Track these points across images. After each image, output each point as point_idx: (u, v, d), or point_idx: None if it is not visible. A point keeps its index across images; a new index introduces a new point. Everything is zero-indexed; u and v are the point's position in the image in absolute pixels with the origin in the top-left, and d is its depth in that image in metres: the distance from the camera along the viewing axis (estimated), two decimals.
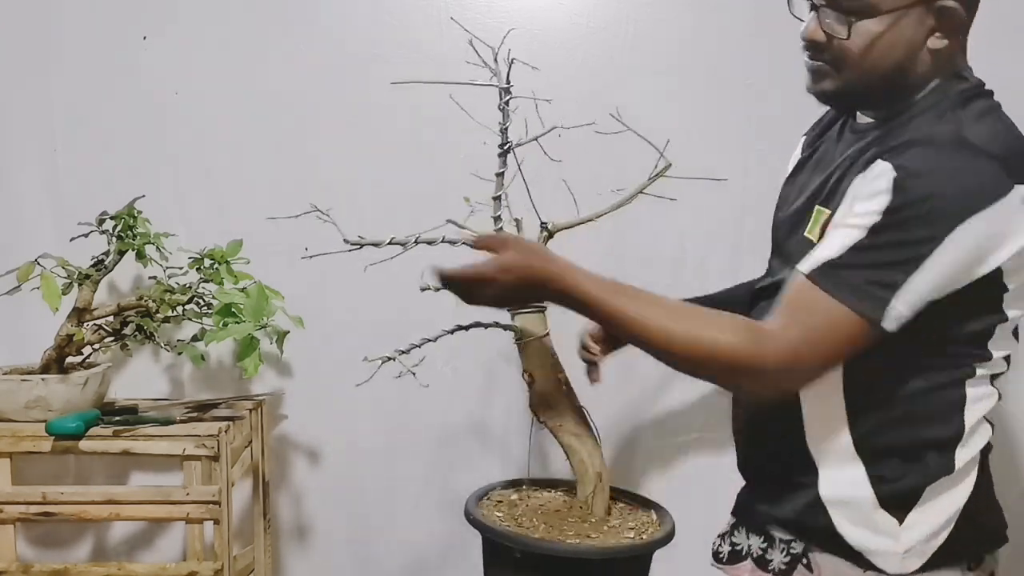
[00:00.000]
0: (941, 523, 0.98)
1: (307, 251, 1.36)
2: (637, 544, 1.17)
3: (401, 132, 1.68)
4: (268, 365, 1.70)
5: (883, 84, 0.96)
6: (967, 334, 0.96)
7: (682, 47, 1.67)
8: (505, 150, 1.25)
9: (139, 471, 1.71)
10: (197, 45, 1.67)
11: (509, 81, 1.23)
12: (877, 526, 0.98)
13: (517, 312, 1.25)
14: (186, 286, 1.54)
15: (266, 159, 1.69)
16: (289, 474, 1.75)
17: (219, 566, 1.43)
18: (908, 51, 0.94)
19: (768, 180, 1.21)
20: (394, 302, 1.65)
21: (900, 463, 0.98)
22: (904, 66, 0.94)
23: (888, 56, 0.94)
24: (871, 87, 0.97)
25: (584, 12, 1.67)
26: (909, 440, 0.98)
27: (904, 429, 0.98)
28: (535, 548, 1.13)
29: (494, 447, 1.74)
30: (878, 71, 0.95)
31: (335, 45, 1.67)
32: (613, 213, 1.31)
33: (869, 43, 0.93)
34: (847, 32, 0.93)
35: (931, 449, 0.98)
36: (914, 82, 0.96)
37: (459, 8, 1.64)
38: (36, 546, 1.72)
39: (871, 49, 0.94)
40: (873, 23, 0.92)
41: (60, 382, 1.44)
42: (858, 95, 0.99)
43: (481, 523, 1.20)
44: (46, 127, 1.68)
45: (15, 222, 1.68)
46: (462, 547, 1.71)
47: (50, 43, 1.67)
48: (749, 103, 1.67)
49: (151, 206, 1.57)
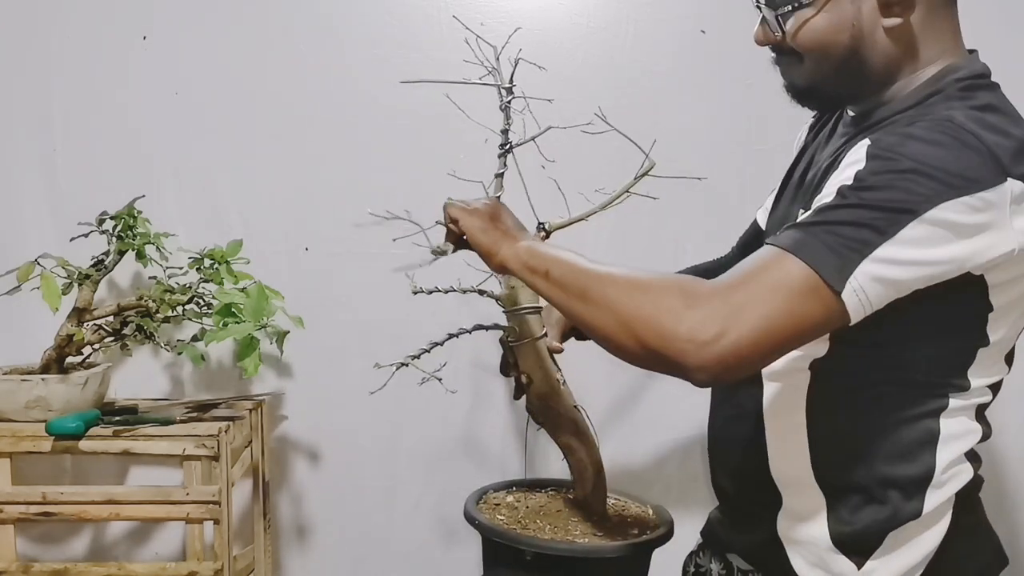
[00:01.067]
0: (905, 572, 0.89)
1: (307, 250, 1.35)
2: (639, 542, 1.17)
3: (401, 132, 1.68)
4: (268, 365, 1.70)
5: (842, 72, 0.90)
6: (941, 359, 0.86)
7: (682, 47, 1.67)
8: (506, 150, 1.25)
9: (139, 471, 1.71)
10: (197, 45, 1.67)
11: (512, 81, 1.22)
12: (832, 569, 0.90)
13: (512, 312, 1.24)
14: (186, 286, 1.54)
15: (266, 159, 1.69)
16: (289, 474, 1.76)
17: (219, 566, 1.43)
18: (855, 33, 0.88)
19: (767, 181, 1.21)
20: (394, 302, 1.65)
21: (861, 502, 0.89)
22: (856, 50, 0.89)
23: (835, 41, 0.89)
24: (831, 77, 0.91)
25: (584, 12, 1.68)
26: (871, 477, 0.89)
27: (866, 464, 0.89)
28: (545, 549, 1.13)
29: (493, 447, 1.74)
30: (831, 59, 0.90)
31: (335, 45, 1.68)
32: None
33: (809, 31, 0.89)
34: (780, 27, 0.90)
35: (895, 489, 0.88)
36: (879, 67, 0.89)
37: (459, 8, 1.64)
38: (36, 546, 1.72)
39: (814, 36, 0.89)
40: (808, 10, 0.88)
41: (60, 382, 1.44)
42: (826, 88, 0.94)
43: (487, 526, 1.19)
44: (46, 127, 1.68)
45: (15, 222, 1.68)
46: (462, 547, 1.71)
47: (50, 43, 1.67)
48: (749, 103, 1.67)
49: (151, 206, 1.57)
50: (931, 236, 0.77)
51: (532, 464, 1.67)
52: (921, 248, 0.77)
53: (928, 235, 0.76)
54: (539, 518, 1.24)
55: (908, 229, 0.76)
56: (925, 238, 0.76)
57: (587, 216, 1.29)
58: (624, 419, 1.73)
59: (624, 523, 1.25)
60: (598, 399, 1.39)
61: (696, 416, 1.73)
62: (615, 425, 1.72)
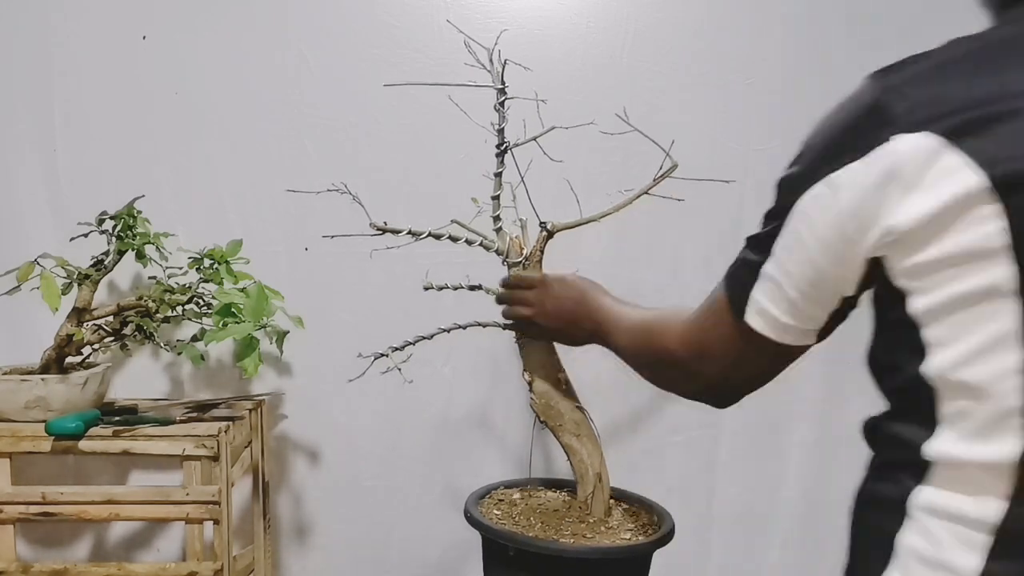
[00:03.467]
0: None
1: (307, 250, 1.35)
2: (635, 544, 1.17)
3: (402, 132, 1.68)
4: (268, 365, 1.70)
5: None
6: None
7: (682, 47, 1.67)
8: (503, 150, 1.25)
9: (139, 471, 1.71)
10: (197, 45, 1.67)
11: (504, 82, 1.22)
12: None
13: None
14: (186, 286, 1.54)
15: (266, 159, 1.69)
16: (289, 474, 1.75)
17: (219, 566, 1.43)
18: None
19: (767, 181, 1.21)
20: (395, 302, 1.65)
21: None
22: None
23: None
24: None
25: (584, 12, 1.68)
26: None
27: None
28: (527, 546, 1.12)
29: (494, 447, 1.74)
30: None
31: (335, 45, 1.67)
32: (614, 213, 1.31)
33: None
34: None
35: None
36: None
37: (459, 7, 1.64)
38: (36, 546, 1.72)
39: None
40: None
41: (60, 382, 1.44)
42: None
43: (478, 520, 1.20)
44: (46, 127, 1.68)
45: (15, 222, 1.68)
46: (462, 547, 1.71)
47: (50, 43, 1.67)
48: (749, 103, 1.67)
49: (151, 206, 1.57)
50: (801, 235, 0.66)
51: (548, 463, 1.67)
52: (798, 254, 0.66)
53: (795, 236, 0.66)
54: (533, 516, 1.24)
55: (781, 238, 0.67)
56: (796, 241, 0.66)
57: (598, 218, 1.28)
58: (626, 420, 1.74)
59: (625, 524, 1.25)
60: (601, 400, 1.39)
61: (697, 417, 1.74)
62: (617, 426, 1.72)
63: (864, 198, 0.60)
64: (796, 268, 0.67)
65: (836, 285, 0.66)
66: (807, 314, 0.69)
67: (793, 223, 0.66)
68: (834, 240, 0.63)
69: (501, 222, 1.26)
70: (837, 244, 0.63)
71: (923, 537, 0.61)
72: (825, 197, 0.63)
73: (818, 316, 0.69)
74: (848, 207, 0.61)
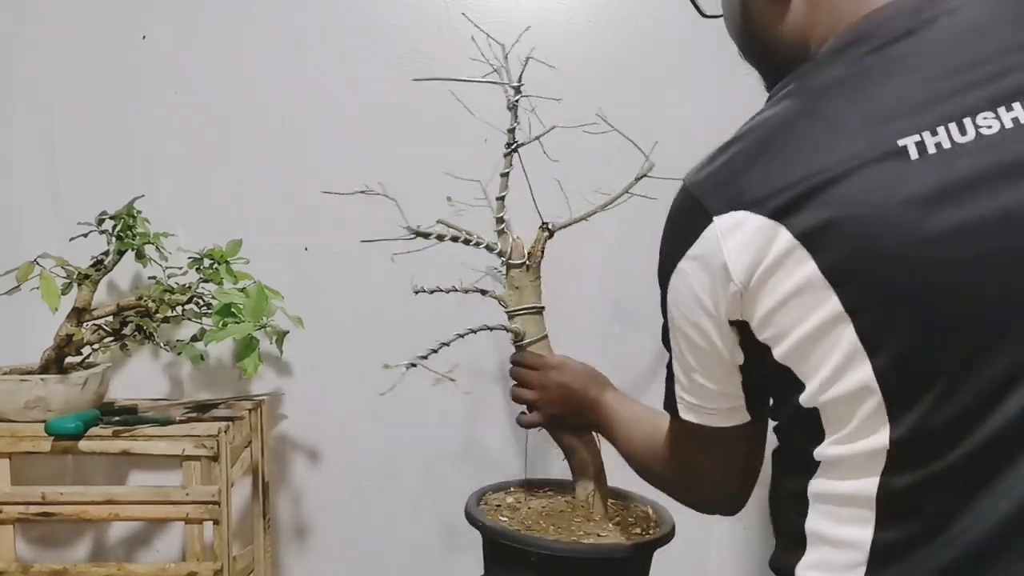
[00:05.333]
0: None
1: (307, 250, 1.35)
2: (641, 543, 1.17)
3: (402, 132, 1.68)
4: (268, 365, 1.70)
5: (755, 59, 0.86)
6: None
7: (683, 46, 1.67)
8: (512, 150, 1.24)
9: (138, 471, 1.71)
10: (197, 45, 1.67)
11: (520, 80, 1.22)
12: None
13: (515, 313, 1.24)
14: (186, 286, 1.53)
15: (266, 159, 1.69)
16: (289, 474, 1.75)
17: (219, 566, 1.43)
18: (743, 9, 0.81)
19: None
20: (395, 302, 1.65)
21: None
22: (748, 32, 0.82)
23: (731, 19, 0.84)
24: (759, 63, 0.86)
25: (585, 12, 1.67)
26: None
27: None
28: (551, 550, 1.13)
29: (494, 447, 1.74)
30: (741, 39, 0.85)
31: (335, 44, 1.67)
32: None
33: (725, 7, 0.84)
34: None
35: None
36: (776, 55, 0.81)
37: (458, 7, 1.64)
38: (35, 546, 1.72)
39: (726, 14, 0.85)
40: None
41: (59, 382, 1.44)
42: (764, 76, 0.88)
43: (491, 528, 1.19)
44: (46, 127, 1.68)
45: (15, 222, 1.68)
46: (462, 547, 1.71)
47: (50, 43, 1.67)
48: (749, 102, 1.66)
49: (151, 206, 1.57)
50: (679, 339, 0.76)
51: (532, 465, 1.67)
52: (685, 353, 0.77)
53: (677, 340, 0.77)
54: (542, 519, 1.24)
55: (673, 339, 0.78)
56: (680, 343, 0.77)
57: (587, 216, 1.29)
58: None
59: (625, 523, 1.24)
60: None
61: None
62: None
63: (704, 272, 0.69)
64: (689, 355, 0.75)
65: (723, 356, 0.73)
66: (719, 392, 0.77)
67: (670, 313, 0.75)
68: (698, 316, 0.72)
69: (505, 223, 1.26)
70: (702, 319, 0.71)
71: (823, 519, 0.70)
72: (679, 284, 0.72)
73: (731, 392, 0.77)
74: (697, 283, 0.70)
